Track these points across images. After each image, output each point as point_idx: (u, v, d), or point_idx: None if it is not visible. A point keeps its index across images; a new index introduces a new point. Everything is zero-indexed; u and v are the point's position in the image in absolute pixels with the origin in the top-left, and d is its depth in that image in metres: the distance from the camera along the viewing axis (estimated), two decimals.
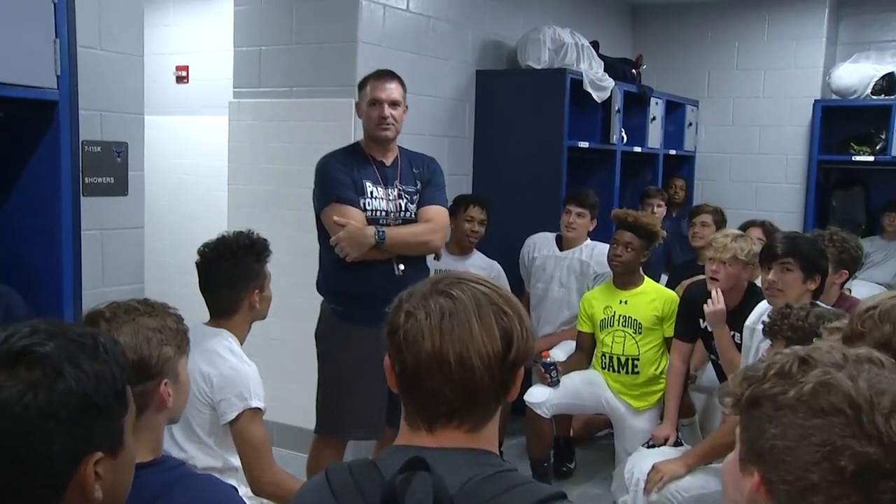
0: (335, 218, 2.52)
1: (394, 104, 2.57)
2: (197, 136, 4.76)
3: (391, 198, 2.61)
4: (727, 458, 0.89)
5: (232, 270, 2.05)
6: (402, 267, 2.58)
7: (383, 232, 2.53)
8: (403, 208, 2.63)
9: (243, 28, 3.61)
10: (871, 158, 4.65)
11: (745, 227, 3.62)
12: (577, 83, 3.98)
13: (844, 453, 0.75)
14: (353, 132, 3.24)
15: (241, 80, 3.67)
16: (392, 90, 2.58)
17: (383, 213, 2.60)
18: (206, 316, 2.07)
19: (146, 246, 2.51)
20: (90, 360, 0.91)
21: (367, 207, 2.57)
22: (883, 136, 4.58)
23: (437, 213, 2.65)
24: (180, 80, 4.82)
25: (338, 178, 2.56)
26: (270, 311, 2.16)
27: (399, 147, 2.67)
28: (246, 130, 3.66)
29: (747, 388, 0.84)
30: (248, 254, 2.07)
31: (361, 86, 2.63)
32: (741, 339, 2.77)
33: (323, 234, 2.62)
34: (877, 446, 0.75)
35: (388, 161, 2.65)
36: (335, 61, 3.40)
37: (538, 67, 4.02)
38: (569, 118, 3.90)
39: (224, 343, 2.03)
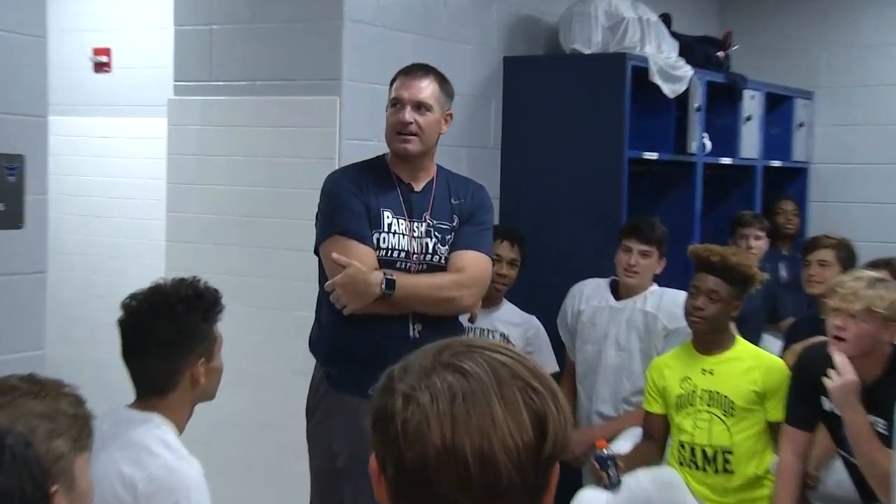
0: (334, 256, 2.71)
1: (419, 107, 2.77)
2: (123, 145, 5.08)
3: (416, 234, 2.80)
4: None
5: (169, 332, 2.15)
6: (418, 328, 2.76)
7: (392, 280, 2.70)
8: (431, 250, 2.82)
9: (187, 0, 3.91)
10: None
11: (872, 268, 3.70)
12: (642, 72, 4.24)
13: None
14: (339, 141, 3.53)
15: (184, 71, 3.95)
16: (421, 88, 2.78)
17: (402, 255, 2.79)
18: (132, 395, 2.20)
19: (49, 297, 2.64)
20: None
21: (382, 245, 2.78)
22: None
23: (475, 262, 2.83)
24: (100, 67, 5.15)
25: (346, 204, 2.77)
26: (226, 381, 2.30)
27: (439, 167, 2.91)
28: (191, 138, 3.95)
29: None
30: (192, 309, 2.17)
31: (392, 81, 2.91)
32: (888, 429, 2.87)
33: (323, 277, 2.86)
34: None
35: (419, 185, 2.86)
36: (314, 45, 3.68)
37: (588, 52, 4.28)
38: (630, 120, 4.16)
39: (155, 433, 2.12)
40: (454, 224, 2.86)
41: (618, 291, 3.92)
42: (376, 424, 1.06)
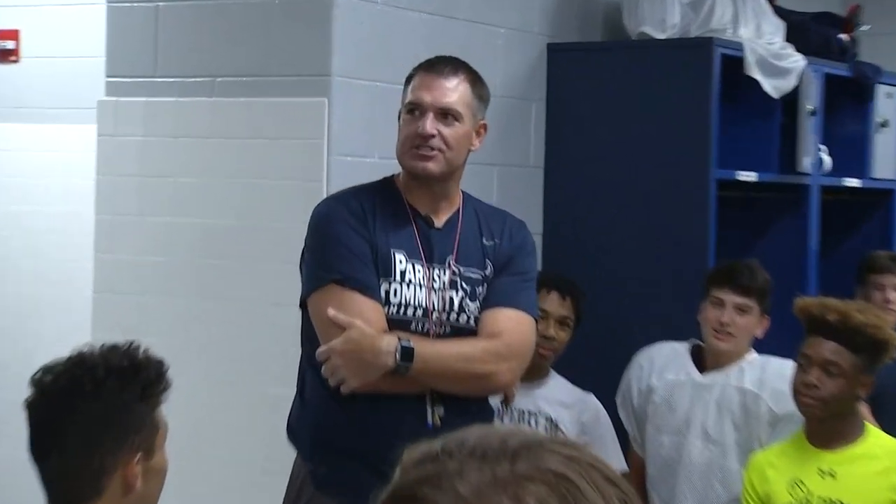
0: (330, 313, 2.76)
1: (445, 114, 2.84)
2: (35, 162, 5.16)
3: (438, 286, 2.87)
4: None
5: (94, 418, 2.17)
6: (440, 412, 2.83)
7: (410, 348, 2.74)
8: (457, 307, 2.88)
9: None
10: None
11: None
12: (735, 64, 4.29)
13: None
14: (327, 158, 3.64)
15: (120, 63, 4.05)
16: (448, 90, 2.86)
17: (419, 312, 2.86)
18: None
19: None
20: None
21: (393, 299, 2.83)
22: None
23: (515, 325, 2.89)
24: (4, 56, 5.23)
25: (344, 242, 2.82)
26: (173, 484, 2.30)
27: (466, 196, 2.98)
28: (129, 153, 4.03)
29: None
30: (127, 387, 2.19)
31: (407, 80, 2.99)
32: None
33: (309, 340, 2.90)
34: None
35: (441, 219, 2.93)
36: (295, 29, 3.78)
37: (662, 36, 4.37)
38: (719, 128, 4.21)
39: None
40: (487, 272, 2.94)
41: (703, 361, 3.95)
42: None
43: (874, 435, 3.51)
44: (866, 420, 3.59)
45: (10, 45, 5.17)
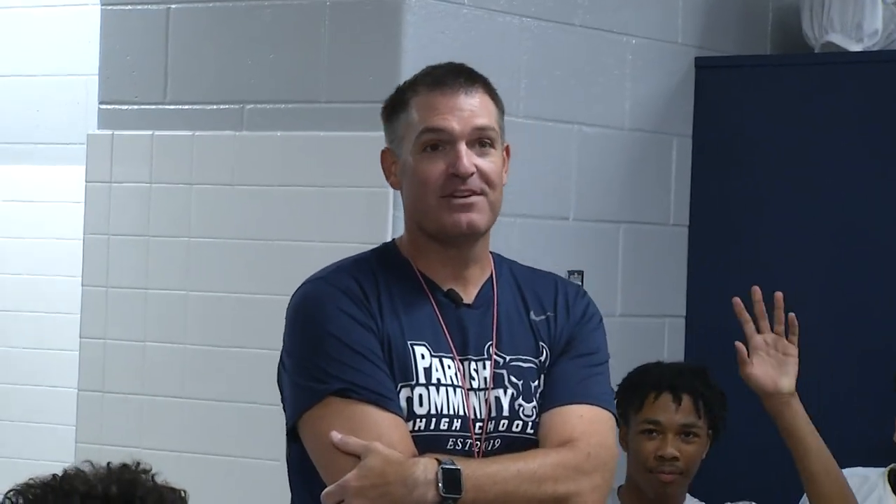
0: (336, 438, 2.27)
1: (483, 142, 2.35)
2: (6, 209, 4.71)
3: (478, 384, 2.41)
4: None
5: None
6: None
7: (456, 469, 2.26)
8: (508, 410, 2.41)
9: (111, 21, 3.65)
10: None
11: None
12: None
13: None
14: (393, 210, 3.22)
15: (117, 85, 3.55)
16: (474, 107, 2.36)
17: (457, 424, 2.38)
18: None
19: None
20: None
21: (418, 409, 2.35)
22: None
23: (593, 424, 2.44)
24: None
25: (343, 337, 2.33)
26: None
27: (495, 256, 2.51)
28: (128, 203, 3.52)
29: None
30: None
31: (395, 107, 2.40)
32: None
33: (299, 468, 2.40)
34: None
35: (469, 292, 2.44)
36: (351, 40, 3.35)
37: (858, 48, 3.73)
38: None
39: None
40: (542, 359, 2.44)
41: None
42: None
43: None
44: None
45: None
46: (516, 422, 2.38)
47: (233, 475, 3.34)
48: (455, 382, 2.36)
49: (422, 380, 2.33)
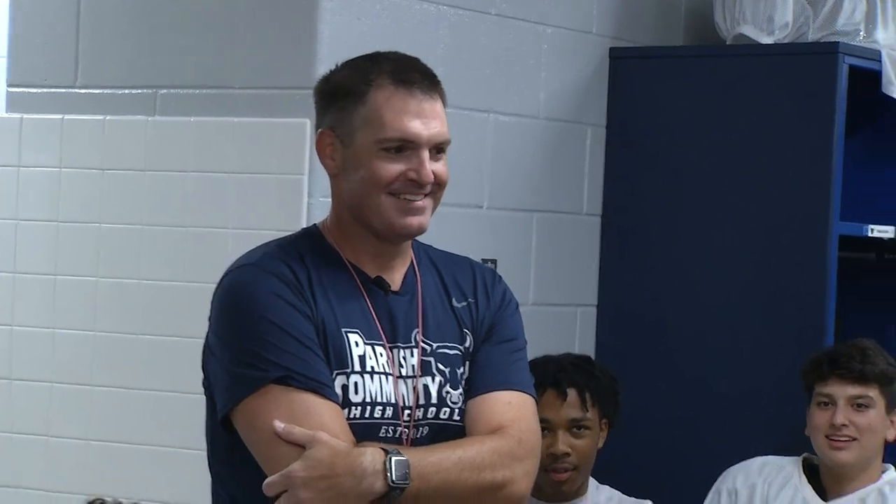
0: (280, 427, 1.89)
1: (441, 149, 1.95)
2: None
3: (406, 371, 2.04)
4: None
5: None
6: None
7: (404, 460, 1.90)
8: (436, 398, 2.05)
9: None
10: None
11: None
12: (868, 78, 3.21)
13: None
14: (307, 198, 2.79)
15: (25, 67, 3.07)
16: (437, 114, 1.94)
17: (389, 412, 2.02)
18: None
19: None
20: None
21: (353, 397, 1.97)
22: None
23: (521, 412, 2.07)
24: None
25: (280, 323, 1.94)
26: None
27: (417, 244, 2.14)
28: (38, 191, 3.06)
29: None
30: None
31: (350, 94, 1.92)
32: None
33: (228, 458, 1.98)
34: None
35: (396, 279, 2.07)
36: (266, 26, 2.89)
37: (769, 41, 3.29)
38: (843, 166, 3.11)
39: None
40: (466, 345, 2.09)
41: (820, 480, 2.93)
42: None
43: None
44: None
45: None
46: (444, 409, 2.09)
47: (142, 464, 2.90)
48: (386, 370, 2.06)
49: (356, 367, 2.02)
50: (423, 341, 2.06)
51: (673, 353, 3.44)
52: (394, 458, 1.88)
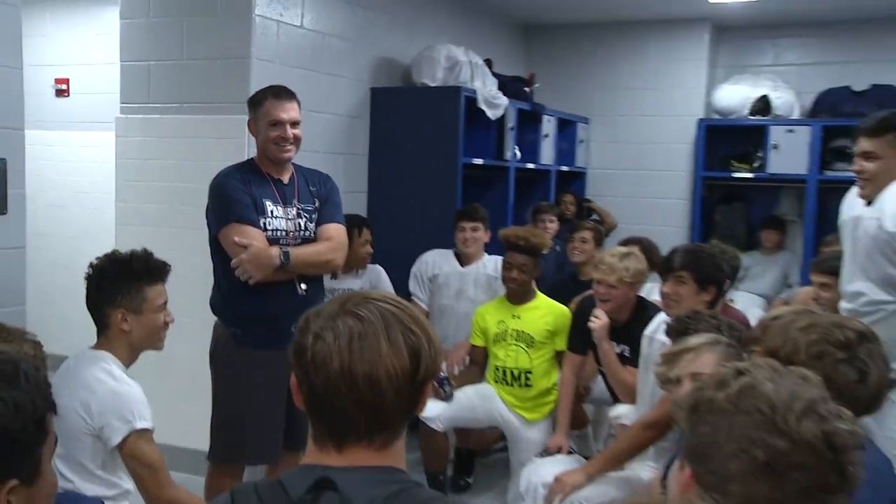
0: (236, 239, 2.75)
1: (295, 124, 2.88)
2: (79, 152, 5.37)
3: (290, 217, 2.85)
4: (674, 466, 1.15)
5: (101, 285, 2.24)
6: (304, 287, 2.84)
7: (287, 252, 2.77)
8: (303, 227, 2.89)
9: (130, 42, 4.18)
10: (750, 175, 6.02)
11: (625, 244, 4.32)
12: (472, 101, 4.76)
13: (758, 445, 1.01)
14: (247, 150, 3.64)
15: (128, 95, 4.21)
16: (292, 110, 2.89)
17: (283, 233, 2.84)
18: (93, 340, 2.34)
19: (27, 267, 2.73)
20: (9, 387, 1.05)
21: (268, 227, 2.82)
22: (760, 155, 5.96)
23: (337, 232, 2.94)
24: (60, 93, 5.40)
25: (237, 198, 2.80)
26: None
27: (294, 164, 2.98)
28: (134, 147, 4.18)
29: (692, 398, 1.10)
30: (123, 271, 2.25)
31: (256, 103, 2.92)
32: (631, 353, 3.29)
33: (219, 254, 2.90)
34: (786, 441, 1.01)
35: (286, 179, 2.93)
36: (228, 77, 3.93)
37: (433, 85, 4.77)
38: (463, 136, 4.62)
39: (102, 366, 2.22)
40: (316, 205, 2.92)
41: (461, 259, 4.27)
42: (295, 354, 1.15)
43: (540, 297, 3.90)
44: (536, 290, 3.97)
45: (64, 87, 5.17)
46: (307, 232, 2.88)
47: None
48: (282, 216, 2.83)
49: (268, 214, 2.81)
50: (297, 204, 2.85)
51: (400, 215, 4.51)
52: (284, 251, 2.75)
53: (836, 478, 1.02)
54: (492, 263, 4.19)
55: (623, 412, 3.19)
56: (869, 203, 2.79)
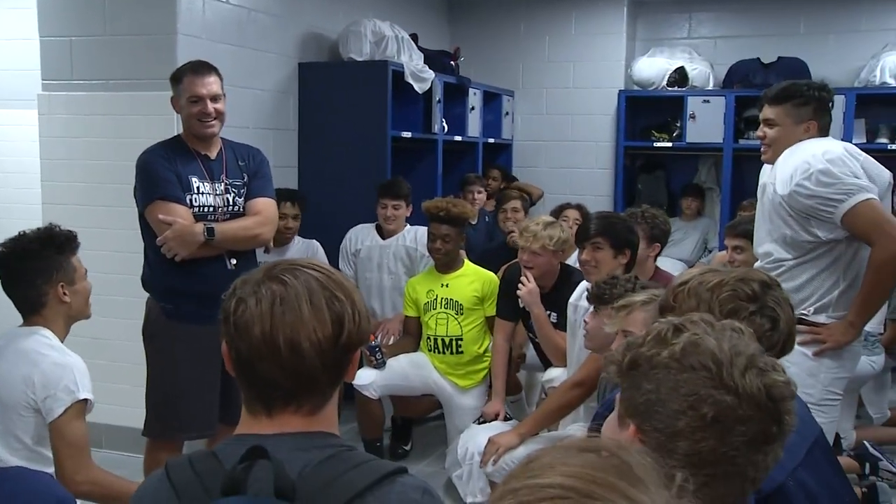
0: (161, 216, 2.74)
1: (215, 98, 2.83)
2: (0, 130, 5.12)
3: (218, 192, 2.83)
4: (608, 419, 1.14)
5: (30, 265, 2.19)
6: (233, 261, 2.84)
7: (212, 228, 2.75)
8: (231, 202, 2.88)
9: (48, 16, 4.00)
10: (669, 144, 6.15)
11: (561, 210, 4.52)
12: (399, 75, 4.71)
13: (706, 401, 1.01)
14: (176, 126, 3.55)
15: (50, 72, 4.06)
16: (212, 84, 2.83)
17: (211, 209, 2.83)
18: (19, 320, 2.29)
19: None
20: None
21: (194, 204, 2.80)
22: (678, 125, 6.07)
23: (266, 206, 2.92)
24: None
25: (161, 175, 2.78)
26: (94, 309, 2.36)
27: (222, 139, 2.96)
28: (59, 125, 4.06)
29: (628, 354, 1.08)
30: (47, 247, 2.22)
31: (176, 79, 2.88)
32: (558, 319, 3.30)
33: (148, 231, 2.89)
34: (732, 396, 1.02)
35: (213, 154, 2.90)
36: (153, 54, 3.84)
37: (360, 60, 4.73)
38: (391, 109, 4.60)
39: (41, 339, 2.19)
40: (245, 180, 2.92)
41: (382, 232, 4.25)
42: (223, 320, 1.15)
43: (467, 265, 3.92)
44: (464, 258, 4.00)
45: None
46: (235, 207, 2.88)
47: None
48: (210, 192, 2.82)
49: (194, 191, 2.80)
50: (225, 179, 2.83)
51: (329, 186, 4.43)
52: (207, 227, 2.72)
53: (776, 428, 1.03)
54: (411, 234, 4.19)
55: (555, 375, 3.22)
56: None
